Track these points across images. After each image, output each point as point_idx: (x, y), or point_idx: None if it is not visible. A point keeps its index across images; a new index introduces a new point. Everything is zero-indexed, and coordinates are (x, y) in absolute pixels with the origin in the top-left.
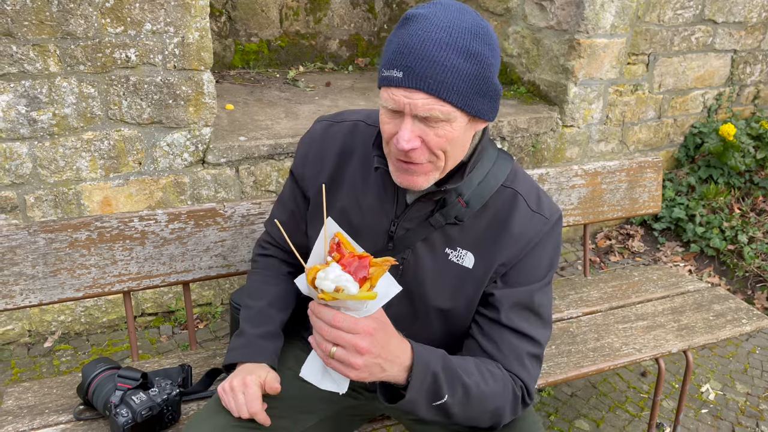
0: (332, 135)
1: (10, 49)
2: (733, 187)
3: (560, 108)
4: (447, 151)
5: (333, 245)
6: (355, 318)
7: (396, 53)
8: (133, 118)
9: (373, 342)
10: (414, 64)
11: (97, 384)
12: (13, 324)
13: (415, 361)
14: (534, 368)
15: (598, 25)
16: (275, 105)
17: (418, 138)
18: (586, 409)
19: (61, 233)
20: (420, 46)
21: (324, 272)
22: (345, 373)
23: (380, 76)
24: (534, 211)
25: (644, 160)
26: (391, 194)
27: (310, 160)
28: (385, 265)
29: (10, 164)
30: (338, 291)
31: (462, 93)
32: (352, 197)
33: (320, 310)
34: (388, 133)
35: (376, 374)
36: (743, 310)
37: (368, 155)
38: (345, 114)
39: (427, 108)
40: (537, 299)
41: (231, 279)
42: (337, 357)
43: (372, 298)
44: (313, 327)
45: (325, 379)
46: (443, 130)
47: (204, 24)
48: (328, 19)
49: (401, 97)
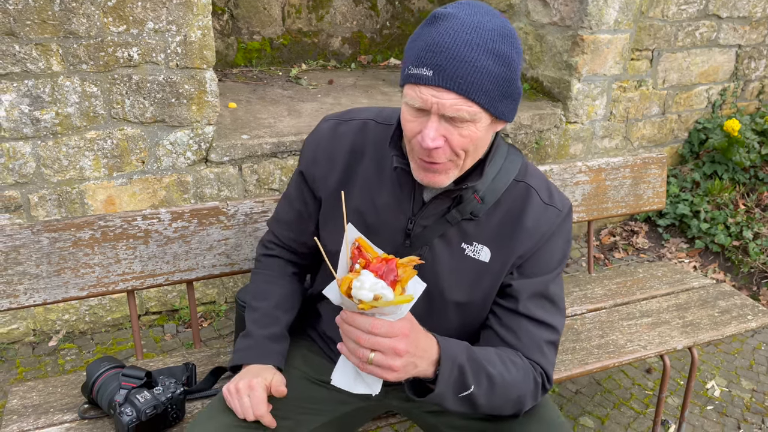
0: (341, 134)
1: (13, 48)
2: (737, 182)
3: (564, 104)
4: (469, 151)
5: (354, 251)
6: (391, 322)
7: (425, 51)
8: (135, 117)
9: (409, 342)
10: (445, 63)
11: (101, 383)
12: (18, 323)
13: (442, 354)
14: (552, 355)
15: (602, 21)
16: (278, 103)
17: (442, 137)
18: (591, 406)
19: (65, 232)
20: (451, 45)
21: (359, 281)
22: (383, 376)
23: (406, 73)
24: (547, 204)
25: (648, 156)
26: (408, 192)
27: (320, 160)
28: (411, 265)
29: (14, 164)
30: (377, 299)
31: (489, 94)
32: (367, 196)
33: (355, 319)
34: (412, 131)
35: (410, 372)
36: (748, 307)
37: (381, 154)
38: (353, 112)
39: (455, 108)
40: (552, 288)
41: (235, 277)
42: (376, 362)
43: (409, 302)
44: (344, 335)
45: (357, 383)
46: (467, 131)
47: (206, 22)
48: (330, 16)
49: (429, 96)
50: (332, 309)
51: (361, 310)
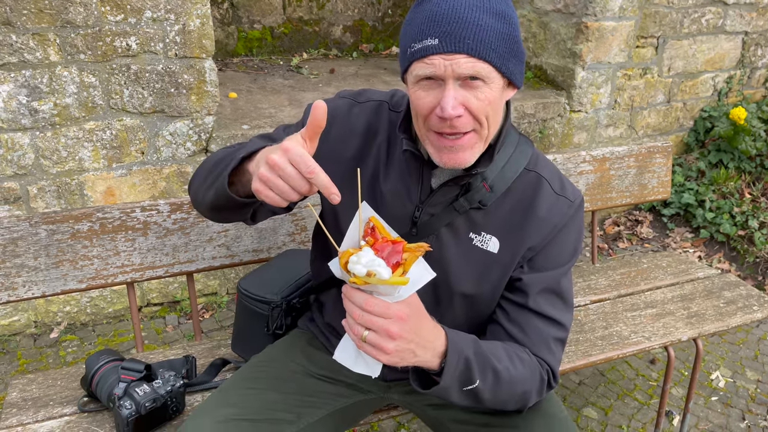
0: (356, 114)
1: (10, 38)
2: (743, 171)
3: (568, 93)
4: (489, 116)
5: (367, 230)
6: (387, 303)
7: (426, 23)
8: (134, 107)
9: (404, 327)
10: (450, 29)
11: (100, 376)
12: (19, 315)
13: (449, 347)
14: (559, 352)
15: (606, 8)
16: (279, 93)
17: (461, 106)
18: (594, 397)
19: (63, 224)
20: (452, 11)
21: (357, 256)
22: (377, 357)
23: (408, 52)
24: (558, 194)
25: (653, 146)
26: (416, 179)
27: (332, 138)
28: (419, 251)
29: (12, 155)
30: (370, 275)
31: (498, 52)
32: (375, 181)
33: (353, 293)
34: (427, 107)
35: (408, 359)
36: (754, 297)
37: (391, 138)
38: (368, 93)
39: (470, 66)
40: (563, 283)
41: (236, 269)
42: (369, 341)
43: (404, 284)
44: (346, 310)
45: (358, 362)
46: (483, 93)
47: (205, 11)
48: (331, 4)
49: (441, 61)
50: (336, 299)
51: (355, 285)
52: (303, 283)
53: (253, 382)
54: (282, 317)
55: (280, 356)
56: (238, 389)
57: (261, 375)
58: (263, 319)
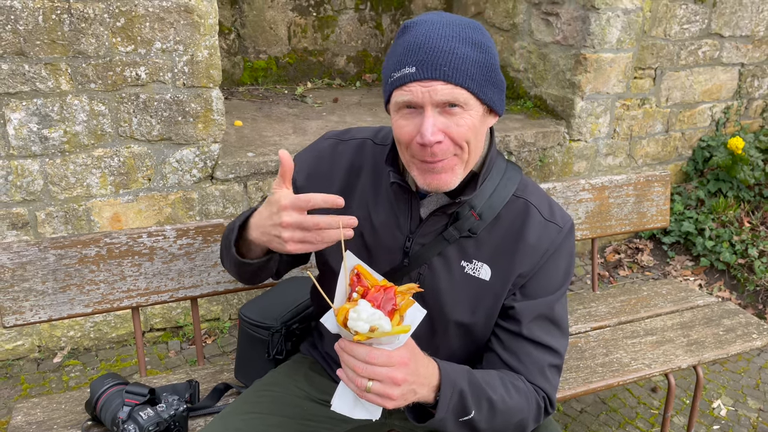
0: (340, 152)
1: (23, 68)
2: (742, 200)
3: (567, 122)
4: (470, 141)
5: (353, 278)
6: (389, 351)
7: (404, 53)
8: (142, 135)
9: (407, 371)
10: (426, 57)
11: (105, 400)
12: (23, 339)
13: (442, 380)
14: (555, 378)
15: (605, 40)
16: (283, 121)
17: (441, 132)
18: (596, 425)
19: (71, 249)
20: (428, 41)
21: (355, 312)
22: (382, 404)
23: (388, 81)
24: (547, 220)
25: (652, 174)
26: (405, 210)
27: (316, 177)
28: (410, 292)
29: (22, 181)
30: (373, 330)
31: (475, 79)
32: (364, 216)
33: (353, 348)
34: (408, 135)
35: (409, 399)
36: (753, 325)
37: (378, 173)
38: (353, 131)
39: (447, 92)
40: (557, 310)
41: (239, 294)
42: (374, 391)
43: (406, 332)
44: (343, 363)
45: (356, 409)
46: (463, 119)
47: (213, 42)
48: (335, 35)
49: (418, 89)
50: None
51: (357, 341)
52: (303, 308)
53: (255, 406)
54: (282, 342)
55: (282, 381)
56: (240, 414)
57: (263, 399)
58: (264, 345)
